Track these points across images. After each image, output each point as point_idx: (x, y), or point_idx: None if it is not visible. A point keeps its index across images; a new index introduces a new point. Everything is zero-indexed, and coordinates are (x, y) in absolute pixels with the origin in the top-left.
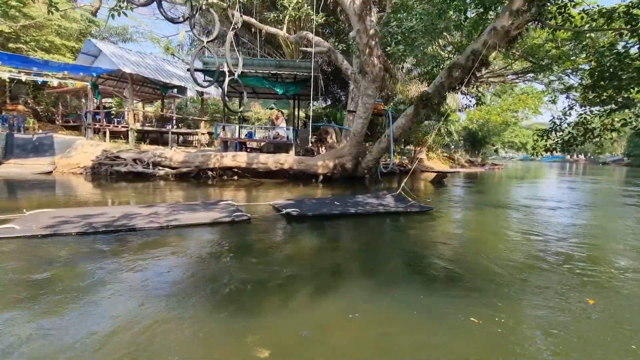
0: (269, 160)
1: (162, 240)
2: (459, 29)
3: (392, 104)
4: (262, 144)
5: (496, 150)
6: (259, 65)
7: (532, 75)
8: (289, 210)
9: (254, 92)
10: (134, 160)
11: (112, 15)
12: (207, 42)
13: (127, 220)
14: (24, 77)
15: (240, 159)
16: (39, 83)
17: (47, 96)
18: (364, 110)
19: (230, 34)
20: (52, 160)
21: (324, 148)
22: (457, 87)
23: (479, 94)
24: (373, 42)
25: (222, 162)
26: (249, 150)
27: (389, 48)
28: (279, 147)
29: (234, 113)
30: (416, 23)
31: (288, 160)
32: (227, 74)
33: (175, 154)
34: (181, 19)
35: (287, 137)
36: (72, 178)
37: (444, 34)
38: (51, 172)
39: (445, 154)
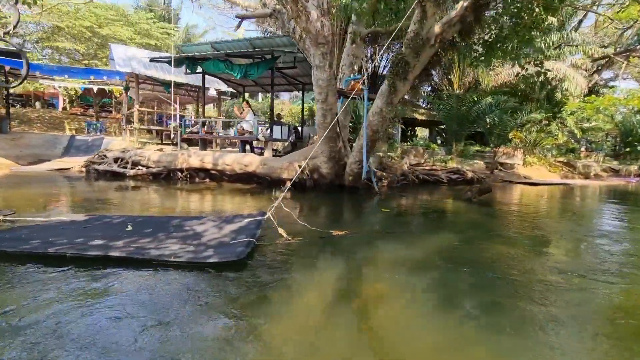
0: (234, 162)
1: None
2: None
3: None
4: (287, 143)
5: None
6: (233, 47)
7: None
8: None
9: (256, 84)
10: (115, 159)
11: None
12: None
13: None
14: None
15: (207, 159)
16: (82, 90)
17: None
18: (318, 90)
19: None
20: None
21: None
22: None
23: (537, 62)
24: None
25: (189, 162)
26: (259, 151)
27: None
28: (295, 145)
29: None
30: None
31: (253, 161)
32: None
33: (152, 154)
34: None
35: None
36: (72, 175)
37: None
38: (69, 169)
39: (561, 159)
